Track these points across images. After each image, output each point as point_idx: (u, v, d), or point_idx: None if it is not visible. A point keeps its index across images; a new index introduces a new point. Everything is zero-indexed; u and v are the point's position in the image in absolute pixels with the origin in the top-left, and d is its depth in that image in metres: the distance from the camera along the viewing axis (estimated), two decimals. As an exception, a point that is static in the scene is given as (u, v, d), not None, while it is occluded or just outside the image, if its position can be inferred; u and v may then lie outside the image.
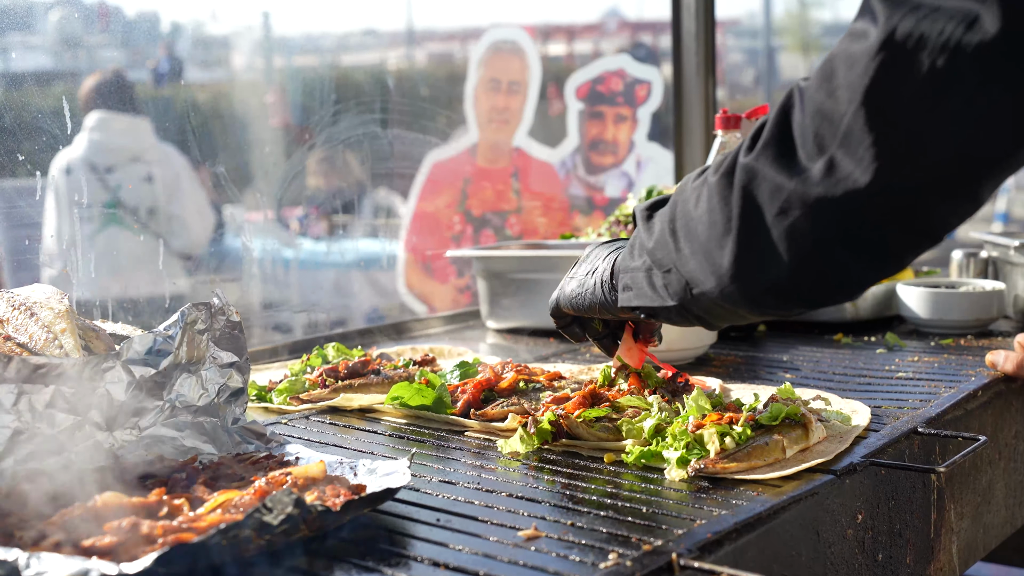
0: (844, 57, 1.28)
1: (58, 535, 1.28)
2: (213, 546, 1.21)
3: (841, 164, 1.27)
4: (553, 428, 1.78)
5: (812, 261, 1.36)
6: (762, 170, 1.35)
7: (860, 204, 1.28)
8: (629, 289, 1.64)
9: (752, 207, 1.36)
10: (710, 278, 1.45)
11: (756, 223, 1.36)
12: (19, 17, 2.62)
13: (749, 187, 1.36)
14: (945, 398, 2.03)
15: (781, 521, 1.47)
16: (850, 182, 1.27)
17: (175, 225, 3.26)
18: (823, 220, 1.31)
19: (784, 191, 1.32)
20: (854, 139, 1.26)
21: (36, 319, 1.68)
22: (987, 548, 2.11)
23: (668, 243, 1.51)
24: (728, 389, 2.11)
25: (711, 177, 1.44)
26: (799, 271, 1.37)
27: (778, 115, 1.35)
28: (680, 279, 1.51)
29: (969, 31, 1.18)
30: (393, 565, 1.29)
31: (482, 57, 4.27)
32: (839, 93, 1.27)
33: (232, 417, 1.75)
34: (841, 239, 1.33)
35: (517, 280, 2.93)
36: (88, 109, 2.98)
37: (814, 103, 1.30)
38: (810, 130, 1.30)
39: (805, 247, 1.34)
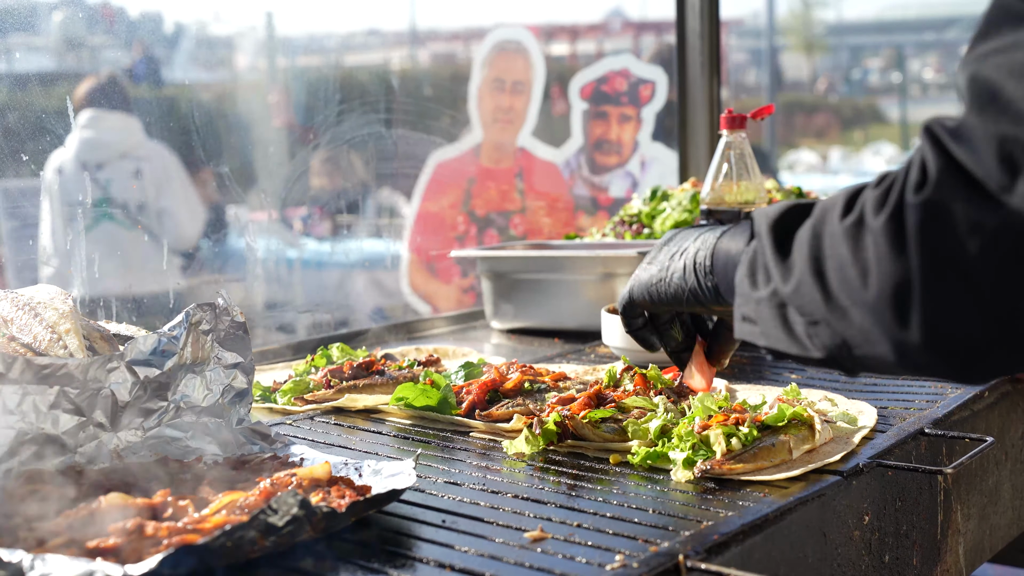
0: (1007, 72, 1.08)
1: (63, 536, 1.28)
2: (218, 547, 1.20)
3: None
4: (559, 429, 1.78)
5: None
6: (947, 204, 1.11)
7: None
8: (751, 322, 1.40)
9: (941, 251, 1.12)
10: (883, 342, 1.21)
11: (949, 270, 1.12)
12: (23, 18, 2.62)
13: (931, 227, 1.12)
14: (951, 399, 2.03)
15: (788, 522, 1.46)
16: None
17: (165, 220, 3.26)
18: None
19: (987, 223, 1.08)
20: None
21: (40, 319, 1.68)
22: (994, 549, 2.11)
23: (813, 291, 1.27)
24: (734, 390, 2.11)
25: (873, 220, 1.18)
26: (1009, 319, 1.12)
27: (936, 149, 1.13)
28: (834, 335, 1.27)
29: None
30: (399, 567, 1.29)
31: (486, 57, 4.26)
32: (1018, 107, 1.06)
33: (237, 418, 1.75)
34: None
35: (522, 280, 2.92)
36: (81, 109, 2.98)
37: (982, 133, 1.09)
38: (991, 160, 1.08)
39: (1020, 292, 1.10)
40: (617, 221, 3.33)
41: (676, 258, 1.59)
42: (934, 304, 1.13)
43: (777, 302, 1.33)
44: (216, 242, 3.25)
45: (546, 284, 2.89)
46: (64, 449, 1.55)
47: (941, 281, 1.12)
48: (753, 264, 1.38)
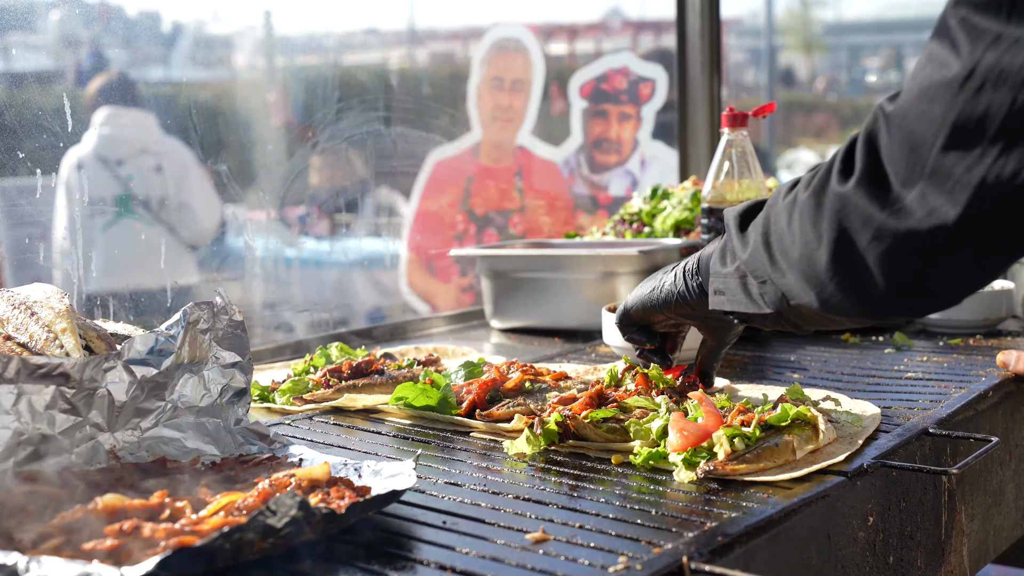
0: (928, 86, 1.29)
1: (59, 538, 1.26)
2: (216, 549, 1.19)
3: (929, 198, 1.29)
4: (560, 429, 1.76)
5: (907, 283, 1.38)
6: (853, 200, 1.37)
7: (949, 236, 1.29)
8: (721, 293, 1.70)
9: (844, 234, 1.39)
10: (808, 292, 1.50)
11: (850, 248, 1.39)
12: (20, 16, 2.61)
13: (841, 214, 1.39)
14: (955, 399, 2.01)
15: (792, 524, 1.45)
16: (938, 216, 1.28)
17: (185, 215, 3.26)
18: (914, 250, 1.33)
19: (875, 222, 1.35)
20: (941, 174, 1.27)
21: (36, 318, 1.66)
22: (998, 550, 2.09)
23: (762, 256, 1.57)
24: (736, 389, 2.09)
25: (801, 195, 1.48)
26: (895, 291, 1.39)
27: (867, 140, 1.37)
28: (776, 290, 1.56)
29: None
30: (399, 568, 1.28)
31: (485, 55, 4.25)
32: (925, 124, 1.28)
33: (235, 418, 1.73)
34: (932, 264, 1.34)
35: (522, 279, 2.91)
36: (93, 108, 2.97)
37: (901, 131, 1.32)
38: (900, 161, 1.32)
39: (898, 272, 1.37)
40: (617, 220, 3.32)
41: (668, 272, 1.90)
42: (837, 268, 1.42)
43: (740, 274, 1.64)
44: (215, 241, 3.24)
45: (546, 283, 2.87)
46: (60, 449, 1.54)
47: (843, 255, 1.40)
48: (723, 249, 1.70)
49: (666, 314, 1.91)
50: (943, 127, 1.26)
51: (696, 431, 1.65)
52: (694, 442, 1.64)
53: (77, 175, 2.87)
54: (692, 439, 1.64)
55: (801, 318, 1.59)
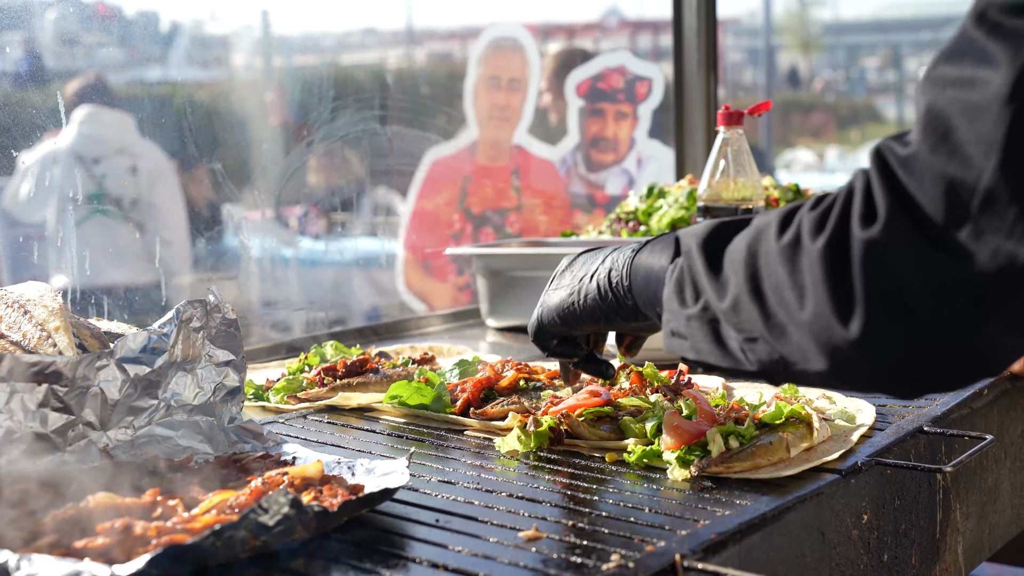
0: (960, 110, 1.11)
1: (50, 536, 1.26)
2: (207, 547, 1.19)
3: (988, 235, 1.09)
4: (552, 434, 1.76)
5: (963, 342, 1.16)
6: (895, 245, 1.15)
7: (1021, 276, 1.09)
8: (682, 337, 1.43)
9: (885, 286, 1.16)
10: (819, 359, 1.25)
11: (891, 304, 1.16)
12: (16, 15, 2.60)
13: (878, 264, 1.16)
14: (950, 397, 2.01)
15: (786, 521, 1.45)
16: (1004, 255, 1.09)
17: (154, 215, 3.27)
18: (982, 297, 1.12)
19: (929, 265, 1.13)
20: (1000, 203, 1.08)
21: (29, 317, 1.66)
22: (993, 548, 2.09)
23: (752, 308, 1.30)
24: (731, 388, 2.09)
25: (810, 244, 1.22)
26: (946, 353, 1.18)
27: (885, 180, 1.17)
28: (772, 352, 1.31)
29: None
30: (391, 567, 1.27)
31: (482, 54, 4.25)
32: (966, 151, 1.10)
33: (228, 416, 1.73)
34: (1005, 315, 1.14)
35: (517, 278, 2.91)
36: (70, 110, 2.97)
37: (931, 169, 1.12)
38: (939, 201, 1.11)
39: (958, 327, 1.15)
40: (613, 219, 3.31)
41: (587, 280, 1.64)
42: (869, 332, 1.18)
43: (709, 318, 1.37)
44: (210, 240, 3.23)
45: (542, 282, 2.86)
46: (53, 448, 1.54)
47: (879, 310, 1.17)
48: (680, 281, 1.42)
49: (593, 327, 1.69)
50: (992, 148, 1.07)
51: (690, 429, 1.65)
52: (688, 440, 1.64)
53: (51, 171, 2.88)
54: (686, 437, 1.64)
55: (794, 381, 1.36)
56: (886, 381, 1.24)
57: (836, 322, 1.20)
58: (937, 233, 1.12)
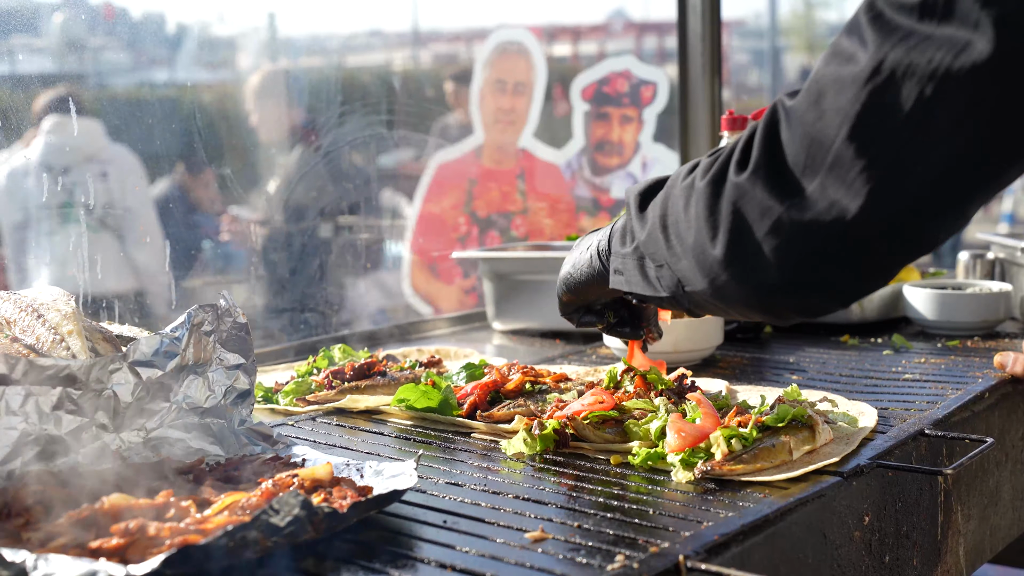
0: (833, 80, 1.30)
1: (65, 536, 1.28)
2: (220, 548, 1.21)
3: (830, 190, 1.30)
4: (557, 436, 1.78)
5: (802, 277, 1.39)
6: (752, 191, 1.37)
7: (849, 228, 1.30)
8: (620, 273, 1.68)
9: (742, 223, 1.39)
10: (701, 280, 1.48)
11: (746, 237, 1.39)
12: (24, 19, 2.62)
13: (739, 204, 1.39)
14: (952, 400, 2.03)
15: (788, 523, 1.47)
16: (839, 208, 1.30)
17: (128, 221, 3.28)
18: (813, 242, 1.34)
19: (774, 213, 1.35)
20: (844, 166, 1.28)
21: (43, 321, 1.68)
22: (994, 550, 2.11)
23: (660, 239, 1.55)
24: (734, 391, 2.11)
25: (699, 182, 1.46)
26: (789, 284, 1.40)
27: (766, 132, 1.37)
28: (672, 276, 1.55)
29: (958, 57, 1.20)
30: (400, 567, 1.30)
31: (488, 58, 4.27)
32: (828, 117, 1.29)
33: (239, 418, 1.75)
34: (831, 258, 1.35)
35: (523, 281, 2.93)
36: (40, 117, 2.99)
37: (803, 125, 1.32)
38: (801, 153, 1.32)
39: (795, 264, 1.37)
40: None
41: (584, 251, 1.84)
42: (731, 258, 1.42)
43: (638, 255, 1.62)
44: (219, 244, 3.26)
45: (548, 285, 2.89)
46: (67, 450, 1.56)
47: (739, 244, 1.40)
48: (624, 228, 1.67)
49: (593, 293, 1.87)
50: (847, 119, 1.27)
51: (694, 432, 1.67)
52: (692, 443, 1.66)
53: (20, 181, 2.92)
54: (690, 440, 1.66)
55: (695, 304, 1.57)
56: (753, 302, 1.46)
57: (709, 245, 1.44)
58: (792, 181, 1.33)
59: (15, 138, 2.48)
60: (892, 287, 2.88)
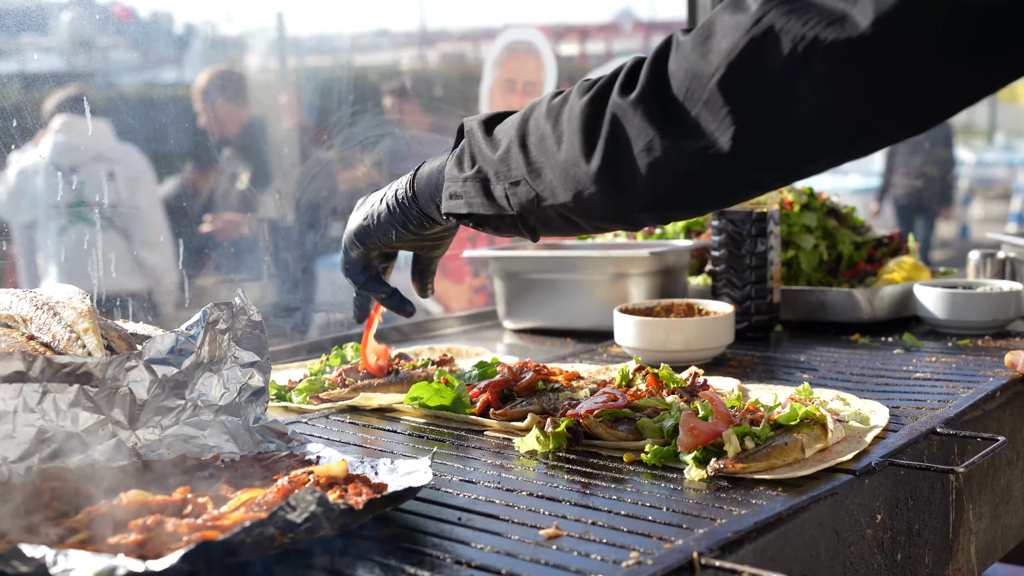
0: (721, 24, 1.39)
1: (84, 533, 1.29)
2: (237, 543, 1.22)
3: (703, 122, 1.40)
4: (570, 434, 1.79)
5: (669, 195, 1.51)
6: (633, 113, 1.46)
7: (715, 159, 1.41)
8: (458, 197, 1.72)
9: (619, 141, 1.48)
10: (566, 192, 1.57)
11: (622, 155, 1.48)
12: (32, 18, 2.64)
13: (619, 121, 1.48)
14: (963, 399, 2.04)
15: (801, 521, 1.48)
16: (709, 140, 1.40)
17: (136, 220, 3.29)
18: (683, 165, 1.45)
19: (650, 133, 1.45)
20: (715, 105, 1.39)
21: (59, 319, 1.70)
22: (1005, 549, 2.11)
23: (517, 157, 1.61)
24: (746, 389, 2.12)
25: (576, 99, 1.54)
26: (656, 200, 1.52)
27: (655, 61, 1.46)
28: (529, 191, 1.61)
29: (829, 28, 1.29)
30: (416, 563, 1.30)
31: (498, 58, 4.27)
32: (710, 57, 1.39)
33: (253, 416, 1.76)
34: (698, 181, 1.47)
35: (534, 280, 2.94)
36: (50, 117, 3.00)
37: (689, 60, 1.41)
38: (683, 85, 1.42)
39: (664, 184, 1.48)
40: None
41: (377, 203, 1.92)
42: (604, 169, 1.50)
43: (481, 177, 1.67)
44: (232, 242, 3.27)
45: (558, 284, 2.90)
46: (84, 447, 1.57)
47: (615, 157, 1.49)
48: (460, 154, 1.72)
49: (382, 244, 1.95)
50: (724, 61, 1.37)
51: (706, 430, 1.68)
52: (704, 441, 1.66)
53: (31, 181, 2.93)
54: (702, 438, 1.67)
55: (544, 222, 1.65)
56: (617, 216, 1.57)
57: (583, 160, 1.52)
58: (672, 109, 1.42)
59: (25, 137, 2.49)
60: (903, 286, 2.88)
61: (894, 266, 3.02)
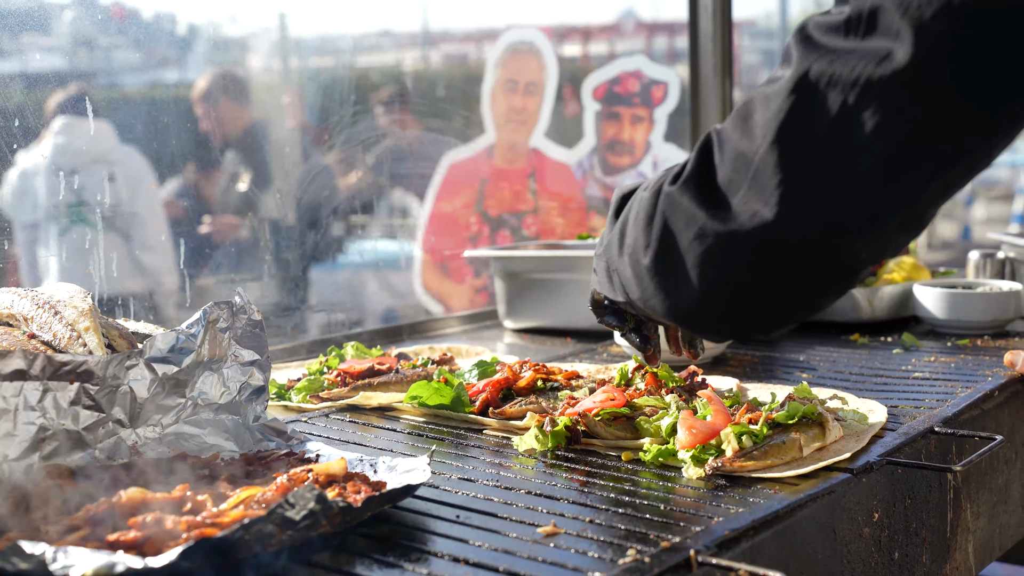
0: (761, 98, 1.33)
1: (84, 530, 1.30)
2: (236, 540, 1.22)
3: (752, 200, 1.32)
4: (569, 433, 1.79)
5: (723, 291, 1.41)
6: (680, 200, 1.40)
7: (768, 238, 1.32)
8: (595, 273, 1.72)
9: (669, 233, 1.42)
10: (635, 289, 1.53)
11: (672, 248, 1.42)
12: (34, 17, 2.64)
13: (667, 212, 1.42)
14: (961, 398, 2.04)
15: (798, 519, 1.48)
16: (757, 218, 1.31)
17: (136, 223, 3.30)
18: (734, 253, 1.36)
19: (698, 221, 1.38)
20: (764, 176, 1.30)
21: (60, 317, 1.70)
22: (1003, 548, 2.12)
23: (615, 245, 1.58)
24: (745, 388, 2.12)
25: (642, 193, 1.51)
26: (710, 299, 1.43)
27: (700, 152, 1.40)
28: (620, 280, 1.59)
29: (880, 66, 1.23)
30: (414, 560, 1.31)
31: (499, 58, 4.28)
32: (754, 132, 1.32)
33: (253, 415, 1.77)
34: (750, 271, 1.37)
35: (535, 280, 2.94)
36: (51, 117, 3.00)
37: (731, 143, 1.35)
38: (728, 170, 1.35)
39: (716, 277, 1.40)
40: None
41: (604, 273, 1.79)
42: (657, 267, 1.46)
43: (606, 258, 1.63)
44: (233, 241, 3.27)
45: (559, 284, 2.90)
46: (84, 445, 1.58)
47: (665, 254, 1.44)
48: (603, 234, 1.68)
49: None
50: (770, 130, 1.29)
51: (705, 429, 1.68)
52: (703, 439, 1.67)
53: (32, 182, 2.93)
54: (701, 436, 1.67)
55: (643, 313, 1.61)
56: (674, 315, 1.49)
57: (642, 253, 1.48)
58: (720, 195, 1.35)
59: (27, 137, 2.50)
60: (902, 286, 2.89)
61: (894, 266, 3.03)
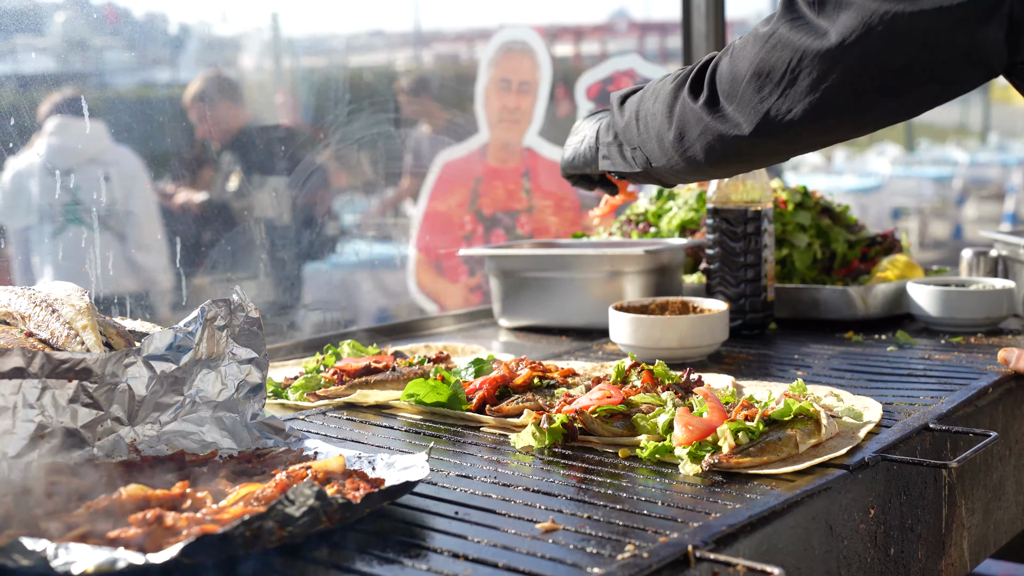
0: (752, 36, 1.82)
1: (84, 527, 1.30)
2: (237, 537, 1.23)
3: (735, 115, 1.85)
4: (565, 430, 1.80)
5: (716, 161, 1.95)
6: (695, 109, 1.92)
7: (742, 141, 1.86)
8: (607, 158, 2.22)
9: (685, 124, 1.94)
10: (661, 158, 2.04)
11: (686, 135, 1.95)
12: (26, 18, 2.64)
13: (684, 111, 1.94)
14: (956, 395, 2.05)
15: (794, 515, 1.49)
16: (738, 128, 1.85)
17: (131, 223, 3.29)
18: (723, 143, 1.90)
19: (703, 122, 1.91)
20: (744, 99, 1.82)
21: (57, 316, 1.70)
22: (997, 544, 2.13)
23: (634, 127, 2.09)
24: (740, 386, 2.13)
25: (668, 84, 2.00)
26: (708, 165, 1.97)
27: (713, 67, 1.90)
28: (642, 155, 2.09)
29: (816, 40, 1.71)
30: (413, 556, 1.32)
31: (492, 57, 4.28)
32: (743, 61, 1.82)
33: (251, 412, 1.77)
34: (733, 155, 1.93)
35: (530, 278, 2.95)
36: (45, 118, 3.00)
37: (731, 63, 1.85)
38: (726, 82, 1.86)
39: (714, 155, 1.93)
40: (624, 220, 3.35)
41: (580, 144, 2.35)
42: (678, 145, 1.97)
43: (618, 142, 2.16)
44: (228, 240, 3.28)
45: (553, 282, 2.91)
46: (83, 442, 1.58)
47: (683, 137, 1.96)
48: (608, 123, 2.21)
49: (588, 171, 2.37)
50: (751, 66, 1.80)
51: (701, 425, 1.69)
52: (699, 436, 1.68)
53: (25, 183, 2.93)
54: (697, 433, 1.68)
55: (659, 177, 2.11)
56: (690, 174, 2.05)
57: (667, 133, 1.99)
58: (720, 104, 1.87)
59: (22, 137, 2.50)
60: (896, 284, 2.90)
61: (887, 264, 3.04)
